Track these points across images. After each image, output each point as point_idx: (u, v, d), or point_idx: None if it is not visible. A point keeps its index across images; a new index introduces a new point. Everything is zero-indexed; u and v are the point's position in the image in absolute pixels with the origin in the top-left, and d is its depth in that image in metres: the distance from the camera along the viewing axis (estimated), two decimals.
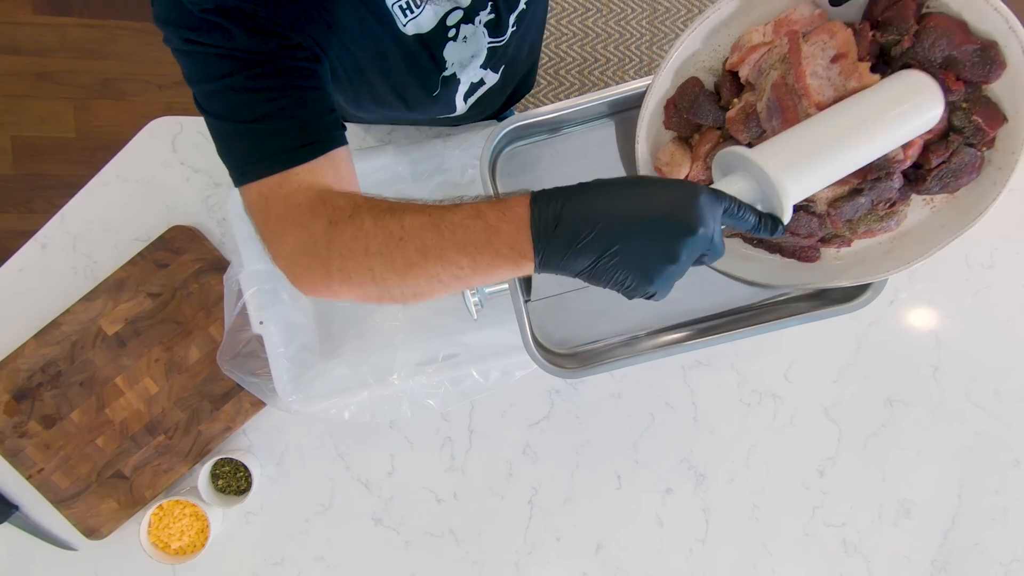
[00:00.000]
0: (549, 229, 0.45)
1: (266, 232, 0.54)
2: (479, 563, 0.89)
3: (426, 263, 0.48)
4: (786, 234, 0.62)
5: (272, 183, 0.52)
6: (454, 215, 0.47)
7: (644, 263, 0.44)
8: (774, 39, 0.57)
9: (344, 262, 0.50)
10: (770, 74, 0.56)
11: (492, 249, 0.46)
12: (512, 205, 0.46)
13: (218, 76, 0.51)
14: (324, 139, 0.54)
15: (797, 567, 0.89)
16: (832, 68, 0.53)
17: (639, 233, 0.44)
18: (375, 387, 0.80)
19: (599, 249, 0.44)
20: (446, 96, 0.72)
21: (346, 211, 0.51)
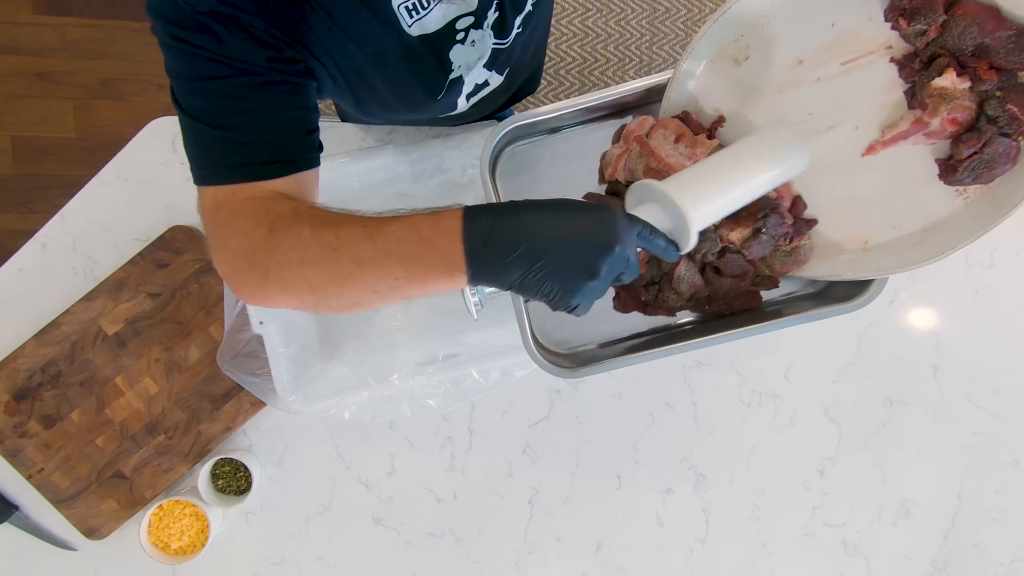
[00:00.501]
0: (480, 243, 0.47)
1: (213, 237, 0.54)
2: (479, 563, 0.89)
3: (362, 273, 0.49)
4: (724, 276, 0.70)
5: (227, 191, 0.53)
6: (389, 227, 0.49)
7: (567, 277, 0.47)
8: (627, 147, 0.69)
9: (281, 270, 0.51)
10: (638, 167, 0.68)
11: (426, 261, 0.48)
12: (445, 218, 0.48)
13: (201, 77, 0.51)
14: (293, 160, 0.54)
15: (797, 567, 0.89)
16: (678, 147, 0.66)
17: (563, 249, 0.47)
18: (375, 387, 0.80)
19: (527, 263, 0.47)
20: (449, 97, 0.72)
21: (287, 219, 0.51)
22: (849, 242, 0.66)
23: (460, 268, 0.47)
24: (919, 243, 0.62)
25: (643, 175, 0.68)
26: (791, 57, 0.63)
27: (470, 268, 0.47)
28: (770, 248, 0.69)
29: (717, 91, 0.68)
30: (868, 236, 0.65)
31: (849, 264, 0.66)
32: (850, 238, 0.66)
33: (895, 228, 0.64)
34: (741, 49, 0.65)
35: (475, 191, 0.85)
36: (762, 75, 0.65)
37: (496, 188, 0.76)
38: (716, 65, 0.66)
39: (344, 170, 0.82)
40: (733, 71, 0.66)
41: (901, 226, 0.63)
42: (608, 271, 0.48)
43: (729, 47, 0.65)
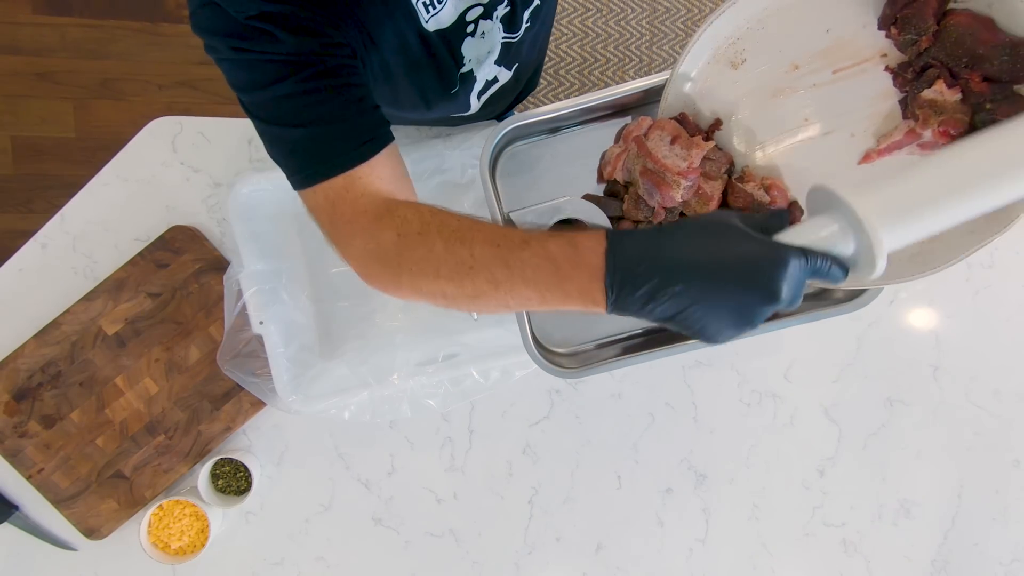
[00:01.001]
0: (624, 287, 0.44)
1: (334, 234, 0.55)
2: (479, 563, 0.89)
3: (496, 293, 0.49)
4: None
5: (337, 186, 0.53)
6: (524, 252, 0.47)
7: (720, 324, 0.44)
8: (626, 147, 0.68)
9: (415, 279, 0.51)
10: (635, 168, 0.68)
11: (562, 292, 0.47)
12: (584, 253, 0.45)
13: (268, 83, 0.51)
14: (378, 136, 0.55)
15: (797, 567, 0.89)
16: (674, 147, 0.65)
17: (719, 300, 0.43)
18: (375, 387, 0.80)
19: (675, 309, 0.43)
20: (463, 94, 0.73)
21: (414, 226, 0.51)
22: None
23: (599, 303, 0.46)
24: (914, 256, 0.61)
25: (640, 176, 0.68)
26: (787, 62, 0.63)
27: (610, 308, 0.45)
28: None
29: (714, 94, 0.68)
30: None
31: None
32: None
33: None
34: (737, 53, 0.65)
35: (475, 191, 0.85)
36: (758, 79, 0.65)
37: (496, 188, 0.76)
38: (713, 68, 0.66)
39: None
40: (730, 74, 0.66)
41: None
42: (761, 318, 0.44)
43: (726, 50, 0.65)
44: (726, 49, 0.65)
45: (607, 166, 0.72)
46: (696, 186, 0.67)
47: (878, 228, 0.41)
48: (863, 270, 0.43)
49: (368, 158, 0.54)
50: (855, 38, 0.61)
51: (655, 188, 0.66)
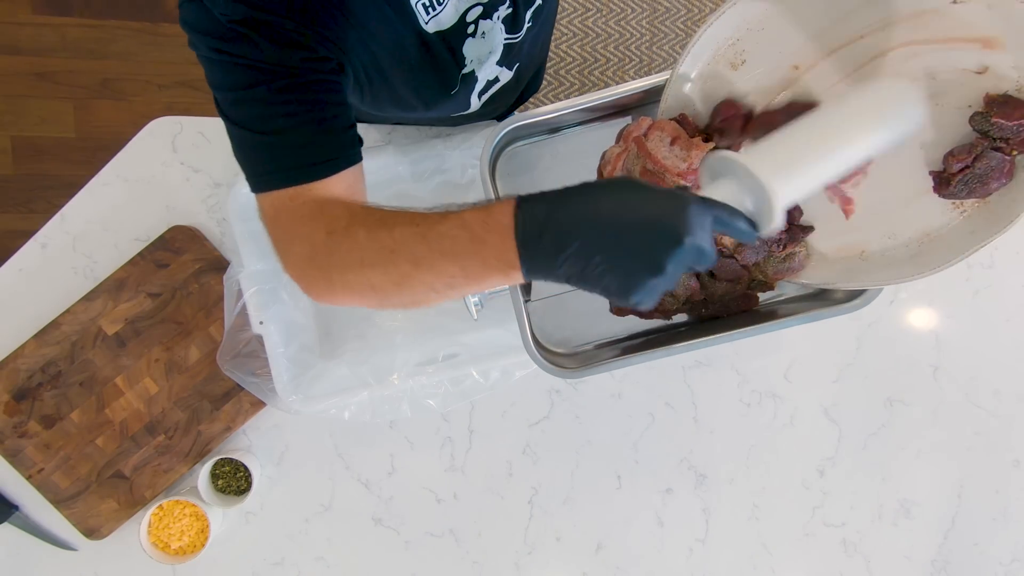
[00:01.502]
0: (533, 240, 0.44)
1: (276, 242, 0.55)
2: (479, 563, 0.89)
3: (419, 273, 0.48)
4: (719, 280, 0.69)
5: (284, 196, 0.54)
6: (441, 225, 0.48)
7: (628, 273, 0.44)
8: (626, 147, 0.69)
9: (344, 274, 0.51)
10: (635, 168, 0.68)
11: (480, 259, 0.47)
12: (496, 214, 0.46)
13: (242, 86, 0.51)
14: (340, 156, 0.55)
15: (797, 567, 0.89)
16: (673, 149, 0.66)
17: (624, 243, 0.43)
18: (375, 387, 0.80)
19: (583, 260, 0.44)
20: (464, 94, 0.73)
21: (342, 221, 0.52)
22: (845, 251, 0.66)
23: (514, 265, 0.46)
24: (915, 255, 0.62)
25: (640, 176, 0.68)
26: (787, 63, 0.63)
27: (523, 266, 0.45)
28: (764, 254, 0.69)
29: (714, 95, 0.68)
30: (864, 246, 0.65)
31: (844, 273, 0.65)
32: (846, 247, 0.66)
33: (891, 239, 0.63)
34: (737, 54, 0.65)
35: (475, 191, 0.85)
36: (758, 80, 0.65)
37: (496, 188, 0.76)
38: (713, 69, 0.66)
39: None
40: (730, 75, 0.66)
41: (897, 237, 0.63)
42: (675, 266, 0.44)
43: (725, 51, 0.65)
44: (726, 50, 0.65)
45: (607, 166, 0.72)
46: (696, 187, 0.67)
47: (771, 181, 0.45)
48: (764, 222, 0.47)
49: (322, 176, 0.54)
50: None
51: None
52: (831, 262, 0.67)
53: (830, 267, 0.67)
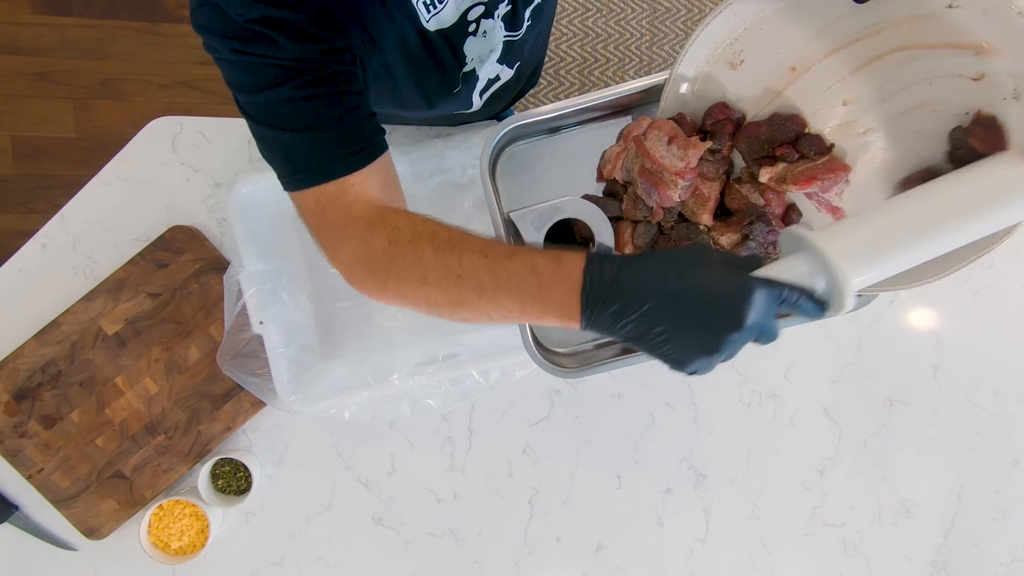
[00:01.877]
0: (598, 301, 0.46)
1: (323, 238, 0.56)
2: (479, 563, 0.89)
3: (479, 301, 0.50)
4: None
5: (330, 192, 0.54)
6: (510, 263, 0.49)
7: (686, 347, 0.45)
8: (625, 147, 0.70)
9: (401, 284, 0.53)
10: (634, 168, 0.69)
11: (542, 304, 0.48)
12: (566, 267, 0.48)
13: (266, 86, 0.51)
14: (372, 144, 0.56)
15: (797, 567, 0.89)
16: (671, 148, 0.66)
17: (685, 319, 0.44)
18: (375, 387, 0.80)
19: (644, 327, 0.45)
20: (466, 92, 0.73)
21: (405, 234, 0.53)
22: None
23: (575, 318, 0.47)
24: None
25: (638, 175, 0.68)
26: (785, 64, 0.63)
27: (584, 321, 0.47)
28: (760, 255, 0.69)
29: (711, 95, 0.68)
30: None
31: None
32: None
33: None
34: (736, 53, 0.65)
35: (475, 191, 0.85)
36: (756, 80, 0.65)
37: (496, 188, 0.76)
38: (712, 68, 0.66)
39: None
40: (728, 75, 0.66)
41: None
42: (732, 347, 0.45)
43: (724, 51, 0.65)
44: (724, 50, 0.65)
45: (607, 165, 0.72)
46: (693, 186, 0.67)
47: (846, 270, 0.43)
48: (834, 307, 0.45)
49: (362, 166, 0.54)
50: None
51: (653, 188, 0.66)
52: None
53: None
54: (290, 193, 0.56)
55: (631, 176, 0.70)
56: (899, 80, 0.58)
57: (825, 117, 0.64)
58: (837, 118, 0.63)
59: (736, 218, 0.69)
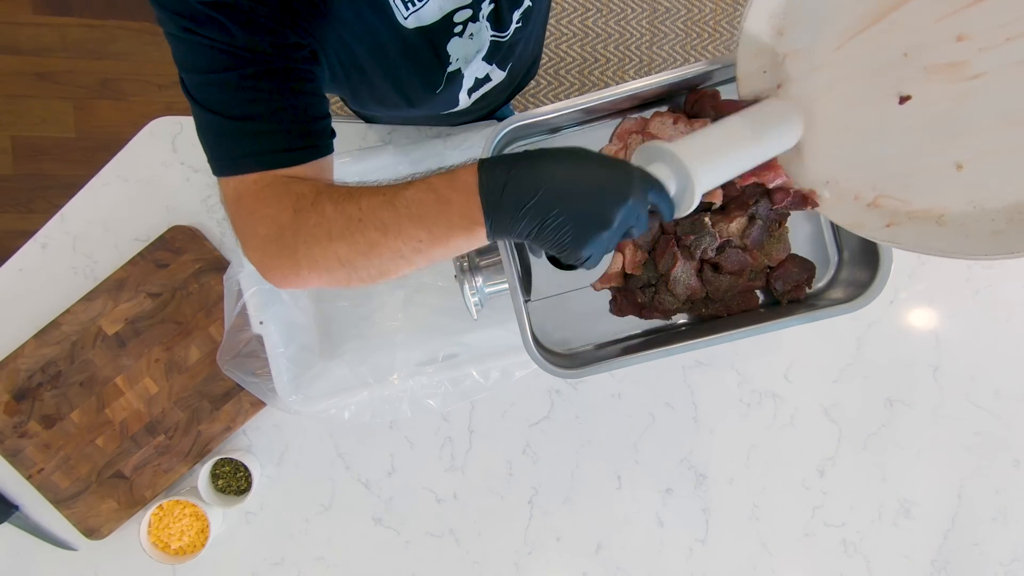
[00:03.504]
0: (496, 195, 0.47)
1: (238, 227, 0.55)
2: (479, 563, 0.89)
3: (387, 240, 0.50)
4: (722, 274, 0.71)
5: (248, 181, 0.53)
6: (407, 191, 0.50)
7: (581, 226, 0.48)
8: (623, 144, 0.72)
9: (310, 248, 0.51)
10: None
11: (446, 219, 0.49)
12: (461, 175, 0.49)
13: (212, 69, 0.51)
14: (309, 146, 0.55)
15: (797, 567, 0.89)
16: (677, 127, 0.69)
17: (578, 198, 0.47)
18: (375, 387, 0.80)
19: (542, 212, 0.47)
20: (449, 92, 0.72)
21: (308, 198, 0.52)
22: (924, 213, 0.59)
23: (479, 221, 0.48)
24: (998, 232, 0.55)
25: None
26: None
27: (488, 219, 0.48)
28: (765, 234, 0.71)
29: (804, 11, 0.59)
30: (944, 209, 0.58)
31: (916, 236, 0.59)
32: (925, 210, 0.59)
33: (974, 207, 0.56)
34: None
35: None
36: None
37: None
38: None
39: (344, 170, 0.82)
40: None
41: (983, 206, 0.55)
42: (621, 222, 0.49)
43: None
44: None
45: None
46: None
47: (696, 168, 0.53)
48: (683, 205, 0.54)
49: (289, 165, 0.54)
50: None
51: None
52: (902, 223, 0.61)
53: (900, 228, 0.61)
54: (218, 179, 0.55)
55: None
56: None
57: (930, 52, 0.54)
58: (944, 56, 0.53)
59: (735, 204, 0.70)
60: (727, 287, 0.73)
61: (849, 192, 0.64)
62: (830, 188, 0.65)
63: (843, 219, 0.64)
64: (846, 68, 0.59)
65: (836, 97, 0.61)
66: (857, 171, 0.63)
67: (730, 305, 0.75)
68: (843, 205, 0.64)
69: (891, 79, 0.57)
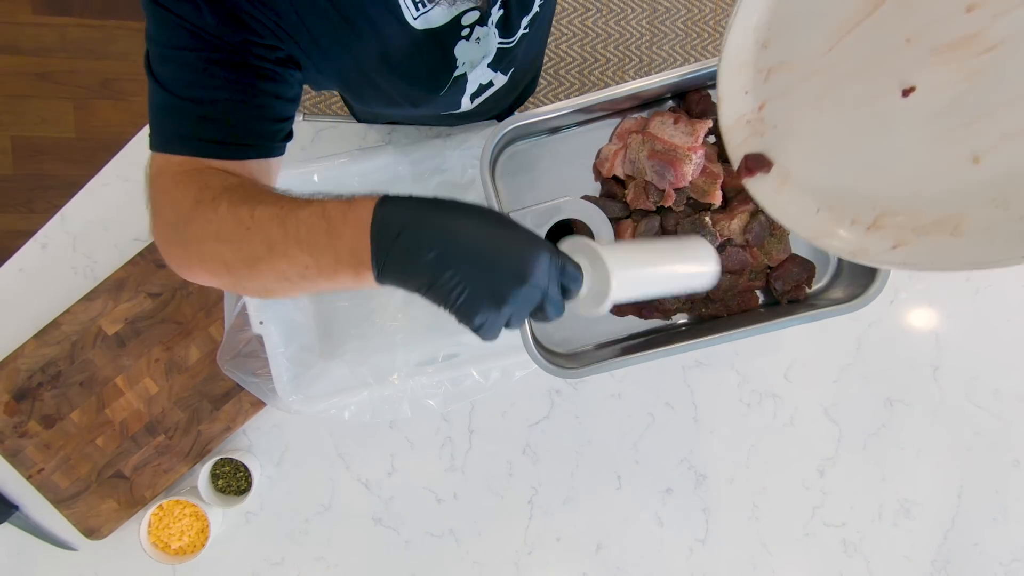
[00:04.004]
0: (388, 241, 0.43)
1: (152, 205, 0.53)
2: (479, 563, 0.89)
3: (271, 258, 0.46)
4: (723, 273, 0.71)
5: (173, 161, 0.51)
6: (301, 211, 0.46)
7: (474, 295, 0.44)
8: (623, 143, 0.72)
9: (200, 244, 0.49)
10: (640, 156, 0.69)
11: (333, 252, 0.44)
12: (357, 208, 0.44)
13: (173, 45, 0.49)
14: (253, 144, 0.53)
15: (797, 567, 0.89)
16: (678, 127, 0.69)
17: (476, 266, 0.43)
18: (375, 387, 0.80)
19: (436, 271, 0.43)
20: (452, 94, 0.72)
21: (212, 192, 0.49)
22: (936, 226, 0.53)
23: (366, 263, 0.44)
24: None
25: (648, 159, 0.68)
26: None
27: (375, 265, 0.44)
28: (767, 231, 0.71)
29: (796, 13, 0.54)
30: (962, 217, 0.51)
31: (931, 253, 0.53)
32: (937, 221, 0.53)
33: (1003, 209, 0.49)
34: None
35: (475, 191, 0.85)
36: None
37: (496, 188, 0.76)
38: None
39: (344, 170, 0.82)
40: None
41: (1009, 201, 0.49)
42: (517, 304, 0.44)
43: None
44: None
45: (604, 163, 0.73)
46: (703, 164, 0.69)
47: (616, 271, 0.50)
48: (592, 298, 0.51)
49: (216, 157, 0.52)
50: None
51: (667, 166, 0.67)
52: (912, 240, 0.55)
53: (912, 247, 0.55)
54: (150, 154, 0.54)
55: (636, 167, 0.70)
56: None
57: (936, 32, 0.49)
58: (954, 32, 0.48)
59: (739, 199, 0.70)
60: (727, 287, 0.73)
61: (845, 216, 0.59)
62: (823, 215, 0.60)
63: (842, 248, 0.59)
64: (840, 69, 0.55)
65: (829, 106, 0.57)
66: (853, 190, 0.58)
67: (730, 305, 0.75)
68: (840, 232, 0.60)
69: (892, 71, 0.52)
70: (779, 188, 0.61)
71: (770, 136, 0.61)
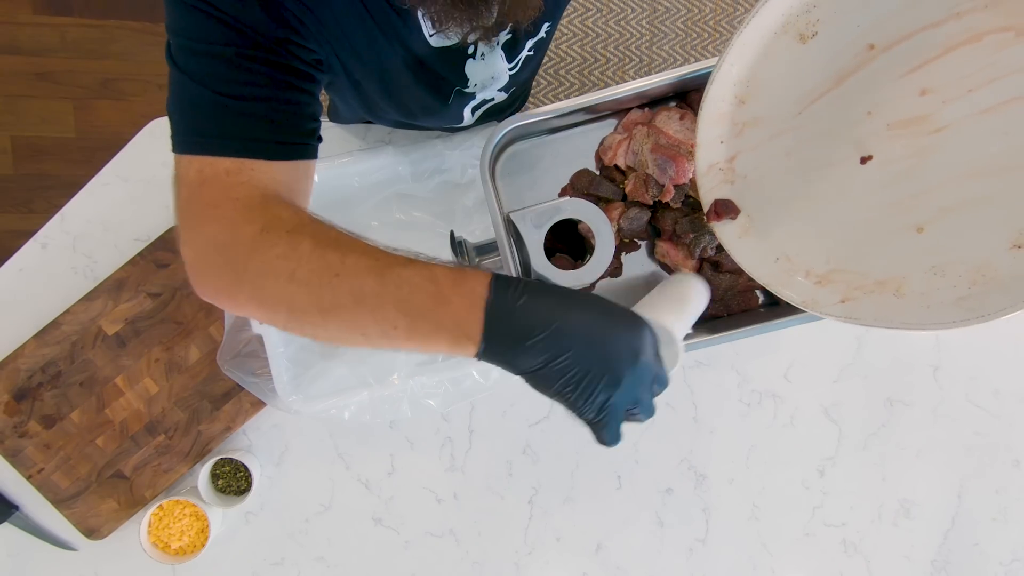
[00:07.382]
0: (504, 316, 0.42)
1: (188, 214, 0.48)
2: (479, 563, 0.89)
3: (356, 310, 0.43)
4: (723, 272, 0.71)
5: (220, 167, 0.47)
6: (404, 269, 0.43)
7: (590, 379, 0.43)
8: (629, 134, 0.71)
9: (262, 279, 0.44)
10: (644, 148, 0.69)
11: (435, 319, 0.42)
12: (470, 278, 0.43)
13: (210, 40, 0.46)
14: (296, 144, 0.50)
15: (797, 567, 0.89)
16: (683, 123, 0.67)
17: (592, 345, 0.42)
18: (375, 387, 0.80)
19: (549, 353, 0.42)
20: (456, 108, 0.73)
21: (287, 224, 0.46)
22: (879, 287, 0.58)
23: (472, 338, 0.42)
24: (963, 298, 0.53)
25: (651, 153, 0.68)
26: (864, 40, 0.53)
27: (484, 341, 0.42)
28: None
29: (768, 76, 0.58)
30: (903, 279, 0.56)
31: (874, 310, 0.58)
32: (882, 281, 0.58)
33: (936, 272, 0.54)
34: (811, 24, 0.54)
35: (475, 191, 0.85)
36: (826, 59, 0.55)
37: (496, 188, 0.76)
38: (777, 42, 0.56)
39: (344, 170, 0.82)
40: (795, 50, 0.56)
41: (944, 271, 0.54)
42: (630, 382, 0.44)
43: (799, 19, 0.54)
44: (799, 17, 0.54)
45: (607, 151, 0.73)
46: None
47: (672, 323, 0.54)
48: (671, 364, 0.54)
49: (270, 158, 0.48)
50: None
51: (670, 161, 0.67)
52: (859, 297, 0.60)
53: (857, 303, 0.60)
54: (176, 155, 0.49)
55: (638, 159, 0.70)
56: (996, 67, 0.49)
57: (893, 109, 0.54)
58: (908, 111, 0.53)
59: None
60: (727, 286, 0.73)
61: (800, 267, 0.62)
62: (780, 264, 0.63)
63: (794, 296, 0.63)
64: (806, 131, 0.58)
65: (795, 163, 0.60)
66: (811, 243, 0.62)
67: (730, 305, 0.75)
68: (793, 282, 0.63)
69: (853, 139, 0.56)
70: (742, 235, 0.64)
71: (739, 185, 0.63)
